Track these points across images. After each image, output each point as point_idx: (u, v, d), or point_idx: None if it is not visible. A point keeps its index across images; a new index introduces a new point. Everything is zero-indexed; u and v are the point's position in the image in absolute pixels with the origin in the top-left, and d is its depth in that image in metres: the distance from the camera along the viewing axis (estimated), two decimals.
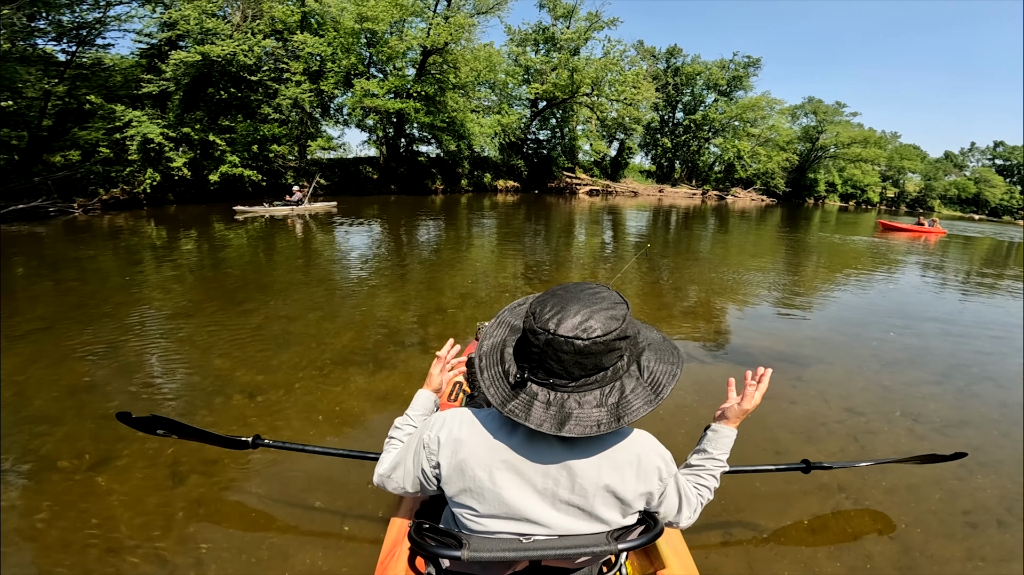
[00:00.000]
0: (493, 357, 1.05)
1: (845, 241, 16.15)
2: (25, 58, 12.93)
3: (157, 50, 16.80)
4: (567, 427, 0.93)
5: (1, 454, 2.61)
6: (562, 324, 0.93)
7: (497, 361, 1.04)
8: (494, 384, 1.01)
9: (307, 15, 19.81)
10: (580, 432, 0.93)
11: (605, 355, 0.94)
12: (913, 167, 54.82)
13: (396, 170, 24.22)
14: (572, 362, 0.93)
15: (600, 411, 0.95)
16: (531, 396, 0.96)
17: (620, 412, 0.95)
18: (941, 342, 5.39)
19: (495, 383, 1.01)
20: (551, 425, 0.94)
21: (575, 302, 0.96)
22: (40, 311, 5.03)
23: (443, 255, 9.33)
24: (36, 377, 3.52)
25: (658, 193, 37.30)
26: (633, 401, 0.96)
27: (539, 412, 0.95)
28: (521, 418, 0.94)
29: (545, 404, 0.95)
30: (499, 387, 1.00)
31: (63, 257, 8.01)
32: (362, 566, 1.97)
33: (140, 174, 15.46)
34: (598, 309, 0.95)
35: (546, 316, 0.95)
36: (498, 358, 1.04)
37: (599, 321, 0.93)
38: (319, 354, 4.10)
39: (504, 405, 0.97)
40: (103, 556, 1.99)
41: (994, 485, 2.66)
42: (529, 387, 0.97)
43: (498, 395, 0.99)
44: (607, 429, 0.94)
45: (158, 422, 1.88)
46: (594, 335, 0.92)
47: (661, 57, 40.30)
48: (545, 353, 0.94)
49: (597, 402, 0.95)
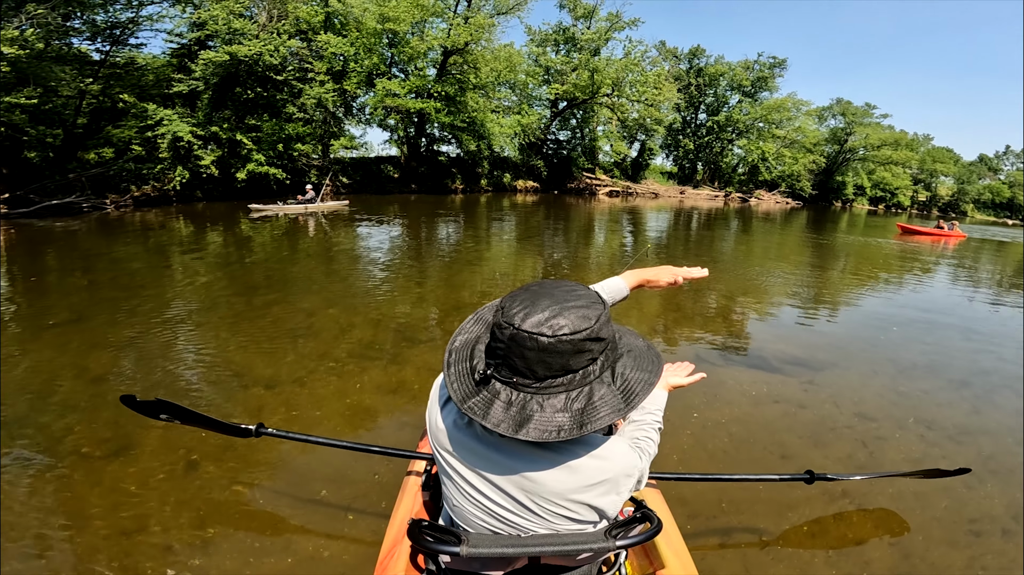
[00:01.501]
0: (463, 352, 1.02)
1: (867, 244, 15.81)
2: (60, 57, 13.40)
3: (187, 50, 17.27)
4: (524, 430, 0.88)
5: (29, 438, 2.76)
6: (528, 319, 0.88)
7: (466, 357, 1.00)
8: (459, 379, 0.97)
9: (330, 15, 20.15)
10: (537, 436, 0.88)
11: (573, 356, 0.89)
12: (946, 170, 53.20)
13: (417, 169, 24.47)
14: (536, 360, 0.88)
15: (563, 416, 0.89)
16: (493, 394, 0.92)
17: (584, 419, 0.89)
18: (963, 349, 5.26)
19: (460, 378, 0.97)
20: (508, 426, 0.89)
21: (546, 298, 0.91)
22: (70, 303, 5.26)
23: (460, 254, 9.42)
24: (63, 366, 3.69)
25: (679, 195, 36.92)
26: (600, 408, 0.90)
27: (498, 412, 0.90)
28: (479, 417, 0.91)
29: (506, 404, 0.91)
30: (463, 382, 0.96)
31: (95, 252, 8.33)
32: (363, 558, 1.99)
33: (170, 171, 15.93)
34: (570, 307, 0.90)
35: (514, 311, 0.90)
36: (467, 354, 1.01)
37: (569, 319, 0.88)
38: (334, 348, 4.20)
39: (464, 402, 0.93)
40: (113, 536, 2.09)
41: (1003, 494, 2.61)
42: (492, 385, 0.93)
43: (460, 391, 0.95)
44: (567, 436, 0.88)
45: (162, 406, 1.88)
46: (560, 333, 0.86)
47: (684, 58, 39.86)
48: (510, 349, 0.89)
49: (561, 406, 0.90)
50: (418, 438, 2.61)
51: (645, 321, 5.59)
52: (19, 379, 3.45)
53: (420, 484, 1.65)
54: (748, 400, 3.66)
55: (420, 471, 1.72)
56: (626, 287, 1.37)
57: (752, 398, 3.70)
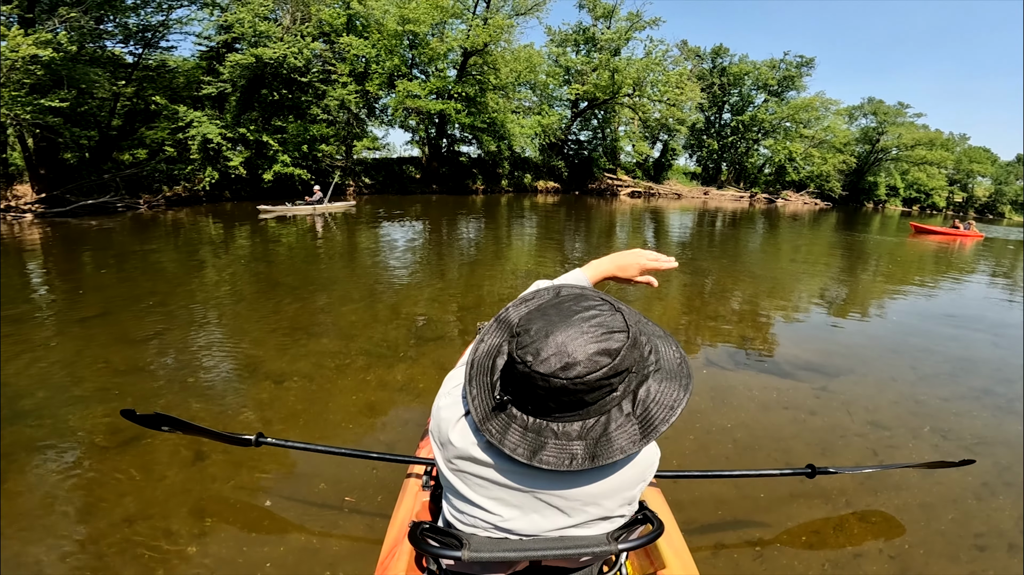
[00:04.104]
0: (485, 364, 0.99)
1: (882, 243, 15.46)
2: (95, 60, 13.90)
3: (215, 53, 17.77)
4: (539, 457, 0.88)
5: (47, 428, 2.90)
6: (539, 357, 0.84)
7: (487, 370, 0.98)
8: (480, 396, 0.96)
9: (352, 17, 20.45)
10: (551, 464, 0.88)
11: (588, 394, 0.86)
12: (983, 171, 51.24)
13: (438, 170, 24.68)
14: (548, 397, 0.87)
15: (578, 445, 0.89)
16: (510, 418, 0.92)
17: (597, 451, 0.88)
18: (989, 357, 5.07)
19: (481, 394, 0.96)
20: (524, 452, 0.89)
21: (561, 329, 0.86)
22: (101, 299, 5.48)
23: (479, 254, 9.48)
24: (87, 358, 3.86)
25: (703, 195, 36.38)
26: (615, 440, 0.89)
27: (515, 437, 0.91)
28: (496, 440, 0.91)
29: (523, 429, 0.91)
30: (483, 401, 0.96)
31: (127, 250, 8.65)
32: (363, 563, 1.99)
33: (200, 172, 16.42)
34: (587, 340, 0.84)
35: (526, 342, 0.87)
36: (489, 366, 0.98)
37: (583, 356, 0.83)
38: (344, 344, 4.29)
39: (483, 423, 0.93)
40: (117, 523, 2.17)
41: (1014, 506, 2.52)
42: (509, 410, 0.92)
43: (480, 410, 0.95)
44: (579, 466, 0.88)
45: (162, 419, 1.90)
46: (571, 375, 0.83)
47: (707, 57, 39.21)
48: (523, 385, 0.88)
49: (578, 434, 0.89)
50: (419, 437, 2.65)
51: (667, 322, 5.54)
52: (44, 371, 3.62)
53: (420, 485, 1.66)
54: (756, 405, 3.60)
55: (420, 473, 1.73)
56: (587, 281, 1.27)
57: (761, 403, 3.64)
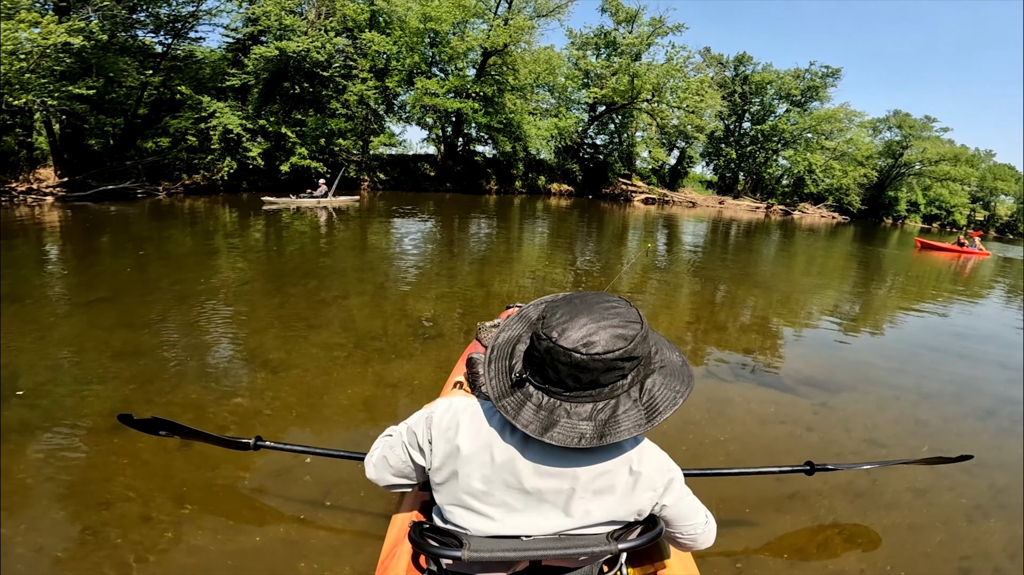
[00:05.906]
0: (505, 350, 1.06)
1: (886, 255, 15.22)
2: (125, 48, 14.21)
3: (241, 45, 18.06)
4: (549, 434, 0.93)
5: (42, 408, 2.96)
6: (564, 334, 0.93)
7: (506, 355, 1.05)
8: (497, 377, 1.02)
9: (376, 14, 20.66)
10: (560, 441, 0.93)
11: (603, 373, 0.93)
12: (1007, 188, 49.98)
13: (452, 168, 24.80)
14: (567, 374, 0.93)
15: (587, 424, 0.94)
16: (526, 396, 0.97)
17: (605, 431, 0.94)
18: (995, 378, 4.98)
19: (499, 376, 1.02)
20: (536, 428, 0.94)
21: (585, 314, 0.95)
22: (111, 282, 5.61)
23: (489, 253, 9.51)
24: (90, 340, 3.95)
25: (718, 205, 36.01)
26: (622, 422, 0.95)
27: (528, 414, 0.96)
28: (511, 416, 0.96)
29: (536, 407, 0.96)
30: (501, 381, 1.01)
31: (143, 236, 8.84)
32: (363, 564, 1.97)
33: (219, 162, 16.70)
34: (607, 325, 0.93)
35: (553, 324, 0.95)
36: (508, 352, 1.05)
37: (603, 337, 0.92)
38: (345, 337, 4.34)
39: (499, 400, 0.98)
40: (93, 506, 2.18)
41: (1005, 530, 2.48)
42: (526, 388, 0.98)
43: (497, 389, 1.00)
44: (587, 444, 0.93)
45: (159, 424, 1.91)
46: (593, 351, 0.91)
47: (729, 65, 38.79)
48: (544, 360, 0.95)
49: (587, 415, 0.95)
50: None
51: (672, 331, 5.51)
52: (46, 351, 3.70)
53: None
54: (753, 419, 3.58)
55: None
56: None
57: (758, 417, 3.61)
